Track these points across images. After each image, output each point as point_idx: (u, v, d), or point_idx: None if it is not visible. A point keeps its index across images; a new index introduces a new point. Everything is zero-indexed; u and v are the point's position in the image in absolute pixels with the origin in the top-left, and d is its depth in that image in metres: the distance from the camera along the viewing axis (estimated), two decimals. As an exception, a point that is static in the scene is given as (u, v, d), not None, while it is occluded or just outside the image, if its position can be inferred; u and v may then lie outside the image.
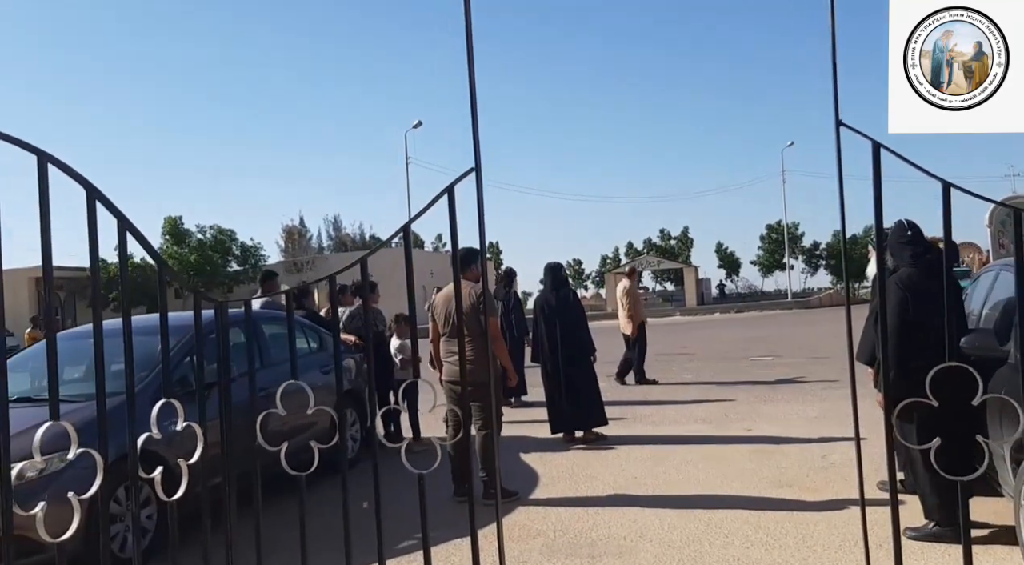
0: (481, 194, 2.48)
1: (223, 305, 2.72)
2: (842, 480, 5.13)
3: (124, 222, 2.30)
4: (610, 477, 5.63)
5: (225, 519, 2.65)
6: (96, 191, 2.19)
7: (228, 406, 2.68)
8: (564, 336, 7.19)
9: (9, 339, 28.83)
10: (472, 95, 2.46)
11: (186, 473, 2.42)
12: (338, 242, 62.05)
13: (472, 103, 2.46)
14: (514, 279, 10.46)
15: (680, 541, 4.13)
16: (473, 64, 2.46)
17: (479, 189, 2.48)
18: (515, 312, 9.41)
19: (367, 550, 2.65)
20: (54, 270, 1.98)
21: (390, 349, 7.53)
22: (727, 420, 7.67)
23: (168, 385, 2.46)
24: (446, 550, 4.34)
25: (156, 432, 2.41)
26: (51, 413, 2.09)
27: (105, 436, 2.23)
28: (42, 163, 2.04)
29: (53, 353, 2.11)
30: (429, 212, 2.51)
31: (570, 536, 4.37)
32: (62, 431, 2.00)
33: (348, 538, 2.61)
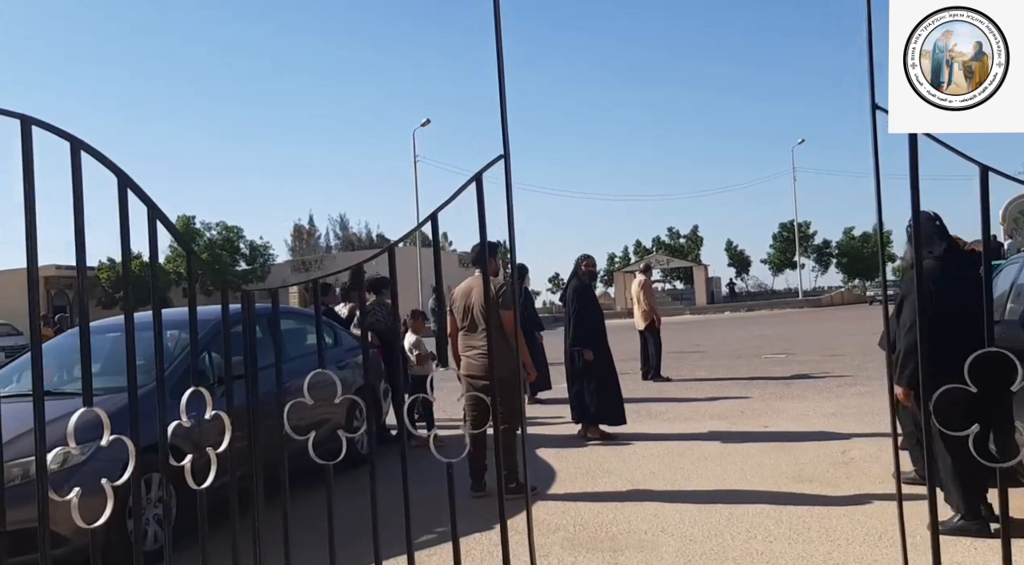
0: (510, 180, 2.47)
1: (250, 295, 2.72)
2: (862, 475, 5.10)
3: (155, 211, 2.30)
4: (627, 473, 5.61)
5: (252, 508, 2.65)
6: (128, 179, 2.19)
7: (255, 395, 2.67)
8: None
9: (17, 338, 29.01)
10: (501, 82, 2.45)
11: (215, 462, 2.41)
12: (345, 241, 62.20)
13: (501, 90, 2.45)
14: (526, 275, 10.42)
15: (702, 535, 4.10)
16: (502, 52, 2.45)
17: (507, 175, 2.46)
18: (528, 308, 9.39)
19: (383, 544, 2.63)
20: (59, 269, 1.95)
21: (404, 345, 7.53)
22: (743, 416, 7.64)
23: (196, 375, 2.45)
24: (467, 544, 4.32)
25: (185, 420, 2.41)
26: (84, 400, 2.09)
27: (136, 424, 2.23)
28: (75, 150, 2.04)
29: (86, 343, 2.11)
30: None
31: (590, 530, 4.35)
32: (81, 425, 2.00)
33: (376, 532, 2.60)
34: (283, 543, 2.64)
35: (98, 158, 2.12)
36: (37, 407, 1.97)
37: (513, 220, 2.50)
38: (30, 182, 1.91)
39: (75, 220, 2.06)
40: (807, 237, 56.37)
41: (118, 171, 2.17)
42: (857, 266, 55.85)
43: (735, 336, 19.79)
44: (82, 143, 2.06)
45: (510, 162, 2.46)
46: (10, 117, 1.91)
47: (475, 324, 5.36)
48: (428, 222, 2.51)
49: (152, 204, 2.27)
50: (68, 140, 2.03)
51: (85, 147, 2.06)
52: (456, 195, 2.48)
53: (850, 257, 57.17)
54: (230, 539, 2.49)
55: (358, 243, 60.66)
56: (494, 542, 4.34)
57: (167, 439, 2.31)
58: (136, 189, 2.21)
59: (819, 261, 59.83)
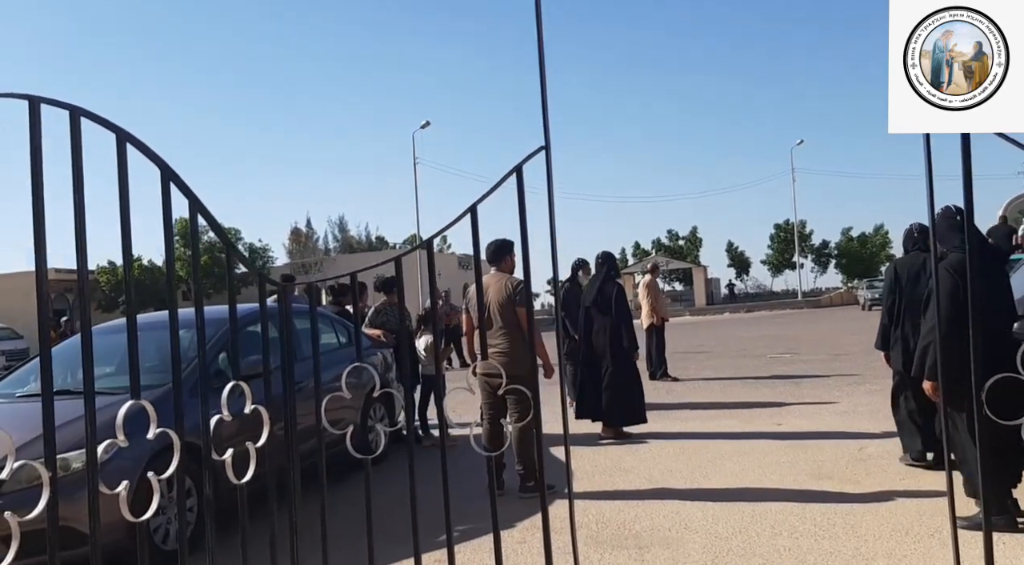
0: (551, 171, 2.46)
1: (286, 288, 2.71)
2: (882, 472, 5.09)
3: (196, 204, 2.29)
4: (645, 471, 5.60)
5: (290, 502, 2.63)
6: (171, 172, 2.18)
7: (292, 391, 2.66)
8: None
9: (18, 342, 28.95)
10: (541, 75, 2.44)
11: (254, 456, 2.39)
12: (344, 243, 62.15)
13: (542, 82, 2.44)
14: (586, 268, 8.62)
15: (727, 532, 4.10)
16: (542, 46, 2.44)
17: (548, 166, 2.45)
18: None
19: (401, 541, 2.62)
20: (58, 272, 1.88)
21: (416, 345, 7.52)
22: (755, 415, 7.63)
23: (237, 371, 2.44)
24: (488, 543, 4.31)
25: (227, 414, 2.39)
26: (132, 393, 2.07)
27: (181, 417, 2.22)
28: (121, 142, 2.03)
29: (134, 338, 2.09)
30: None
31: (613, 528, 4.34)
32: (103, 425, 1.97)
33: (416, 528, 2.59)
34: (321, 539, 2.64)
35: (142, 150, 2.11)
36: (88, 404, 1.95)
37: (554, 211, 2.49)
38: (79, 175, 1.89)
39: (121, 213, 2.04)
40: (804, 237, 56.44)
41: (161, 164, 2.16)
42: (856, 267, 55.90)
43: (738, 336, 19.79)
44: (128, 135, 2.04)
45: (551, 153, 2.45)
46: (60, 108, 1.89)
47: (491, 322, 5.34)
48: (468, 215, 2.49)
49: (194, 197, 2.26)
50: (114, 132, 2.01)
51: (131, 139, 2.05)
52: (496, 187, 2.47)
53: (849, 258, 57.23)
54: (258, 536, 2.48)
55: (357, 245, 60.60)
56: (516, 540, 4.34)
57: (210, 433, 2.29)
58: (179, 182, 2.20)
59: (818, 262, 59.90)
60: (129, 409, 2.03)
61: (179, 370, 2.23)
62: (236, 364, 2.42)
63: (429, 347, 7.35)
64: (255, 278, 2.66)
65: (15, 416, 4.65)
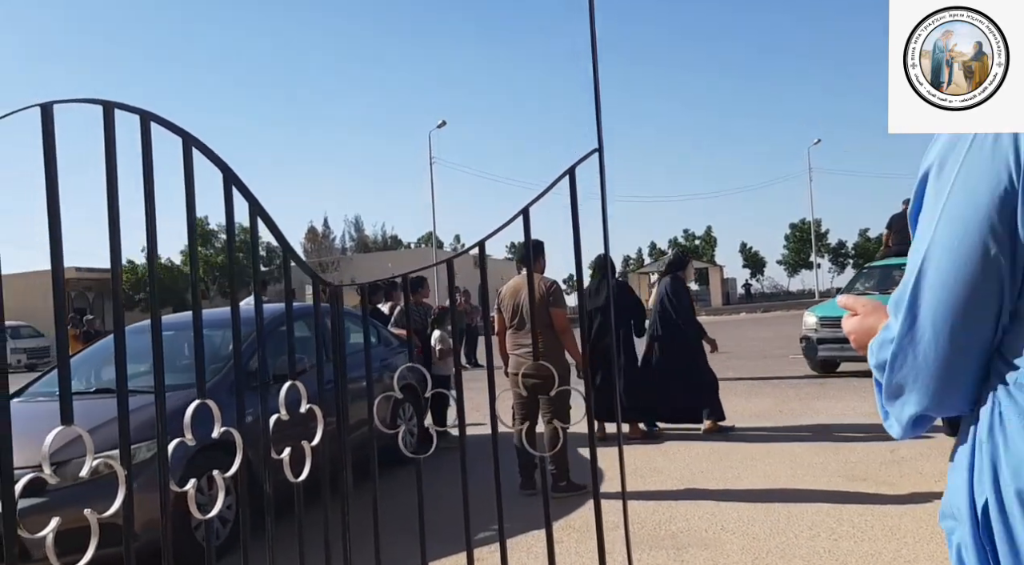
0: (604, 173, 2.47)
1: (339, 289, 2.73)
2: (917, 474, 5.07)
3: (256, 207, 2.32)
4: (676, 471, 5.60)
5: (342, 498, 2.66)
6: (233, 175, 2.21)
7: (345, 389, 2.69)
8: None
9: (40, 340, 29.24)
10: (595, 76, 2.45)
11: (310, 455, 2.42)
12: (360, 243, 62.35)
13: (595, 84, 2.45)
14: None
15: (764, 533, 4.09)
16: (596, 47, 2.45)
17: (602, 169, 2.47)
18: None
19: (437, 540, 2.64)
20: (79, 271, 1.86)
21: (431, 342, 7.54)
22: (782, 416, 7.61)
23: (293, 371, 2.46)
24: (525, 542, 4.34)
25: (284, 414, 2.41)
26: (198, 392, 2.10)
27: (243, 416, 2.26)
28: (187, 145, 2.06)
29: (199, 334, 2.12)
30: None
31: (649, 529, 4.34)
32: (138, 424, 1.99)
33: (468, 526, 2.61)
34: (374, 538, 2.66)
35: (206, 154, 2.14)
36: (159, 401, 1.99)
37: (607, 215, 2.50)
38: (149, 180, 1.92)
39: (187, 216, 2.08)
40: (820, 237, 56.15)
41: (224, 166, 2.19)
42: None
43: (757, 336, 19.70)
44: (194, 139, 2.07)
45: (604, 156, 2.46)
46: (130, 112, 1.92)
47: (523, 322, 5.36)
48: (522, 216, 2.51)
49: (254, 200, 2.29)
50: (181, 136, 2.05)
51: (196, 143, 2.08)
52: (549, 189, 2.48)
53: (867, 259, 56.88)
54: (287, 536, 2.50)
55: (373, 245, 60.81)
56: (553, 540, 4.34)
57: (269, 432, 2.32)
58: (240, 186, 2.23)
59: (835, 262, 59.54)
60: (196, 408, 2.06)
61: (240, 367, 2.27)
62: (292, 364, 2.44)
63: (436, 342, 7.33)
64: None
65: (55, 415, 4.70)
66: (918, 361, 1.01)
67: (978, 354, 0.98)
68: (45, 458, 1.63)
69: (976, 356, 0.98)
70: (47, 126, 1.67)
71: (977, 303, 0.95)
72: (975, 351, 0.98)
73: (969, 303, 0.95)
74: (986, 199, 0.93)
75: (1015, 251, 0.92)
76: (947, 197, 0.97)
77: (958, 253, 0.95)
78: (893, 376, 1.05)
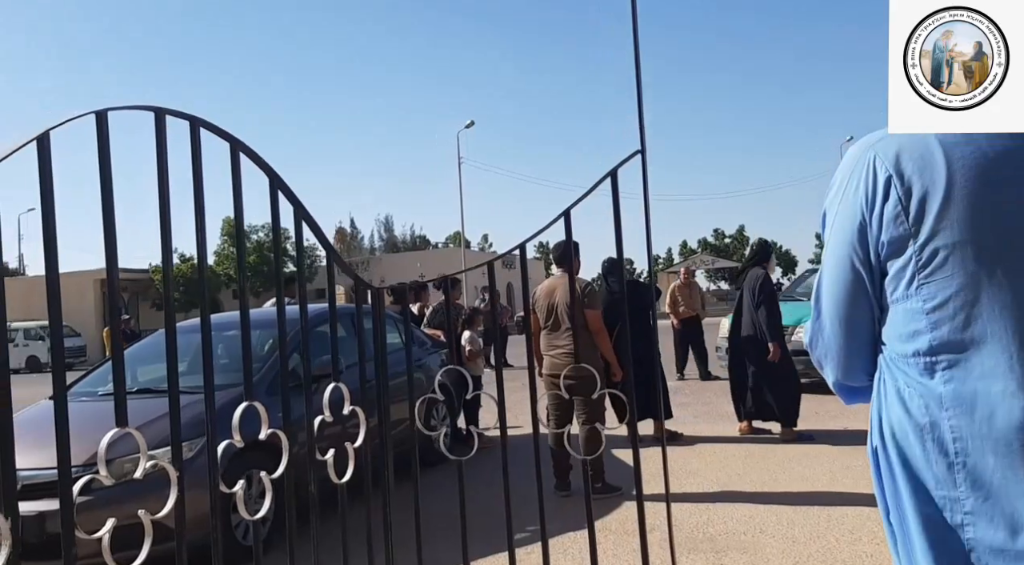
0: (646, 176, 2.46)
1: (380, 291, 2.75)
2: (960, 478, 4.98)
3: (301, 210, 2.34)
4: (712, 473, 5.55)
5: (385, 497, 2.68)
6: (279, 180, 2.22)
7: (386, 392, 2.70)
8: None
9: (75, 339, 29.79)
10: (638, 78, 2.44)
11: (353, 456, 2.44)
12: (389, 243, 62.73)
13: (638, 86, 2.44)
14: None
15: (804, 537, 4.04)
16: (638, 48, 2.44)
17: (644, 171, 2.45)
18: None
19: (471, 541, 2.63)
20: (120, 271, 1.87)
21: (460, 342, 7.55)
22: (819, 417, 7.51)
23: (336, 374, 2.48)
24: (561, 543, 4.34)
25: (328, 415, 2.43)
26: (246, 394, 2.12)
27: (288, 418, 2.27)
28: (234, 150, 2.08)
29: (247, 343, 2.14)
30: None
31: (686, 531, 4.31)
32: (189, 422, 1.98)
33: (510, 527, 2.61)
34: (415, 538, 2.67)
35: (253, 159, 2.16)
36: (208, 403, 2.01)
37: (649, 216, 2.49)
38: (199, 184, 1.94)
39: (236, 220, 2.10)
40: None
41: (270, 172, 2.21)
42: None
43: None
44: (241, 144, 2.09)
45: (646, 157, 2.45)
46: (180, 118, 1.95)
47: (558, 323, 5.35)
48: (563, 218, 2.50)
49: (299, 204, 2.31)
50: (229, 141, 2.07)
51: (244, 148, 2.10)
52: (591, 191, 2.48)
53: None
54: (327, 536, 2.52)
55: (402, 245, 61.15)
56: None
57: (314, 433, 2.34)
58: (286, 190, 2.25)
59: (868, 261, 58.65)
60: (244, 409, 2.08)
61: (286, 369, 2.28)
62: (336, 364, 2.46)
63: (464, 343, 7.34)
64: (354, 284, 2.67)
65: (99, 414, 4.79)
66: (826, 343, 1.41)
67: (866, 338, 1.34)
68: (101, 459, 1.65)
69: (864, 340, 1.34)
70: (102, 132, 1.70)
71: (854, 303, 1.32)
72: (863, 336, 1.34)
73: (848, 303, 1.33)
74: (849, 232, 1.29)
75: (871, 265, 1.27)
76: (831, 231, 1.34)
77: (836, 270, 1.33)
78: (814, 354, 1.46)
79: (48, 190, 1.56)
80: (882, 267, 1.27)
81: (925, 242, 1.19)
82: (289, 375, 4.93)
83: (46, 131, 1.55)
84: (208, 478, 1.97)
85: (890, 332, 1.28)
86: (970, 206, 1.16)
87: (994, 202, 1.17)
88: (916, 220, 1.19)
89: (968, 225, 1.16)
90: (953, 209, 1.17)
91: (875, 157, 1.25)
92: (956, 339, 1.17)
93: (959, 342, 1.17)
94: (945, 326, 1.18)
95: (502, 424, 2.65)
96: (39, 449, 3.83)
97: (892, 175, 1.21)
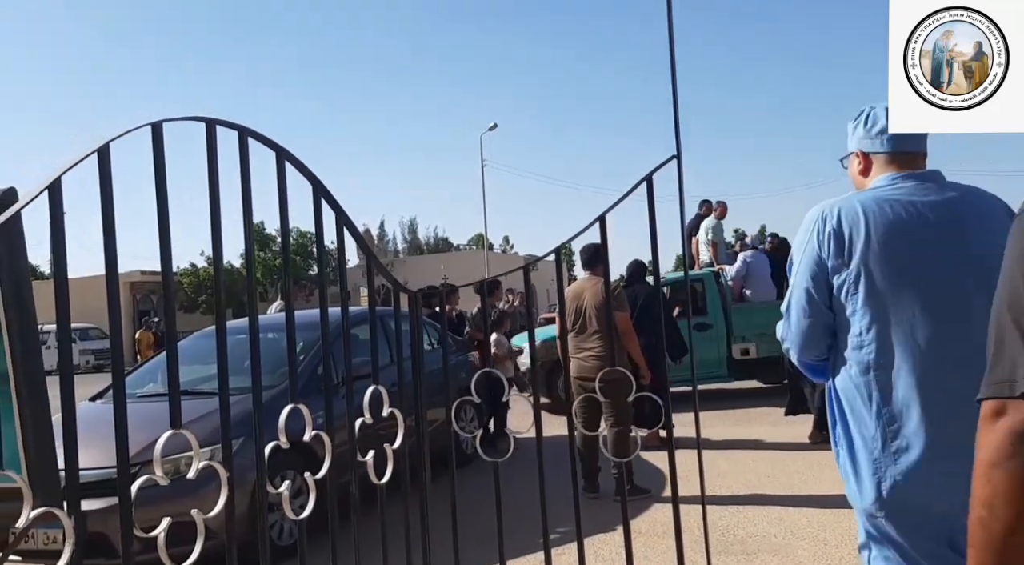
0: (682, 180, 2.48)
1: (416, 295, 2.80)
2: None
3: (343, 217, 2.39)
4: (741, 476, 5.55)
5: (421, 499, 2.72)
6: (323, 188, 2.28)
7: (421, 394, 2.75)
8: None
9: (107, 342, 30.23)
10: (673, 83, 2.47)
11: (392, 459, 2.48)
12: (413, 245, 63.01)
13: (673, 90, 2.47)
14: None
15: (836, 540, 4.04)
16: (674, 53, 2.47)
17: (680, 176, 2.47)
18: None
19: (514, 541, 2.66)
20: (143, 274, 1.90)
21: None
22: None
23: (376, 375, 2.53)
24: (591, 545, 4.34)
25: (369, 417, 2.48)
26: (291, 397, 2.18)
27: (331, 421, 2.33)
28: (280, 159, 2.14)
29: (292, 348, 2.20)
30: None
31: (717, 533, 4.31)
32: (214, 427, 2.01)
33: (546, 528, 2.65)
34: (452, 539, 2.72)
35: (297, 167, 2.21)
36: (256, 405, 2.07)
37: (684, 221, 2.51)
38: (247, 192, 1.99)
39: (281, 226, 2.15)
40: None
41: (313, 179, 2.26)
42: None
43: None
44: (287, 153, 2.15)
45: (682, 162, 2.47)
46: (228, 128, 2.00)
47: (586, 326, 5.37)
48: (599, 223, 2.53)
49: (341, 211, 2.36)
50: (274, 150, 2.12)
51: (289, 157, 2.16)
52: (626, 196, 2.51)
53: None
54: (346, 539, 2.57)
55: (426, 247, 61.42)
56: (617, 543, 4.35)
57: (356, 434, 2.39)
58: (328, 197, 2.30)
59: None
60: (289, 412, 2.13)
61: (329, 371, 2.33)
62: (375, 367, 2.51)
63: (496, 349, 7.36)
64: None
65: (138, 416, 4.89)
66: (792, 335, 2.01)
67: (822, 330, 1.95)
68: (157, 460, 1.71)
69: (821, 331, 1.95)
70: (157, 143, 1.76)
71: (812, 310, 1.94)
72: (819, 328, 1.95)
73: (807, 308, 1.94)
74: (809, 266, 1.92)
75: (823, 284, 1.90)
76: (797, 266, 1.97)
77: (799, 289, 1.95)
78: (784, 343, 2.06)
79: (107, 196, 1.61)
80: (830, 283, 1.89)
81: (851, 269, 1.85)
82: (319, 378, 5.01)
83: (106, 143, 1.61)
84: (253, 479, 2.02)
85: (838, 326, 1.93)
86: (878, 248, 1.82)
87: (895, 246, 1.82)
88: (848, 255, 1.85)
89: (876, 259, 1.82)
90: (868, 250, 1.82)
91: (825, 216, 1.90)
92: (873, 329, 1.84)
93: (876, 332, 1.84)
94: (864, 321, 1.85)
95: (537, 426, 2.69)
96: (82, 449, 3.92)
97: (833, 227, 1.87)
